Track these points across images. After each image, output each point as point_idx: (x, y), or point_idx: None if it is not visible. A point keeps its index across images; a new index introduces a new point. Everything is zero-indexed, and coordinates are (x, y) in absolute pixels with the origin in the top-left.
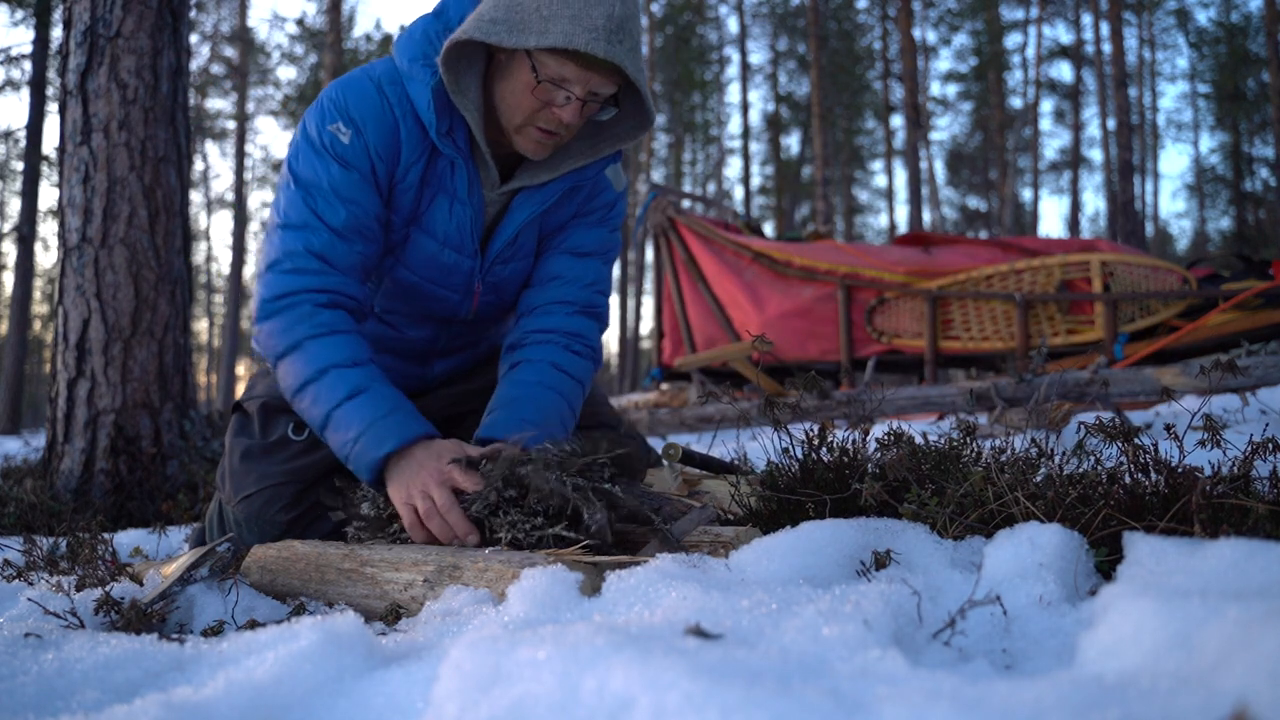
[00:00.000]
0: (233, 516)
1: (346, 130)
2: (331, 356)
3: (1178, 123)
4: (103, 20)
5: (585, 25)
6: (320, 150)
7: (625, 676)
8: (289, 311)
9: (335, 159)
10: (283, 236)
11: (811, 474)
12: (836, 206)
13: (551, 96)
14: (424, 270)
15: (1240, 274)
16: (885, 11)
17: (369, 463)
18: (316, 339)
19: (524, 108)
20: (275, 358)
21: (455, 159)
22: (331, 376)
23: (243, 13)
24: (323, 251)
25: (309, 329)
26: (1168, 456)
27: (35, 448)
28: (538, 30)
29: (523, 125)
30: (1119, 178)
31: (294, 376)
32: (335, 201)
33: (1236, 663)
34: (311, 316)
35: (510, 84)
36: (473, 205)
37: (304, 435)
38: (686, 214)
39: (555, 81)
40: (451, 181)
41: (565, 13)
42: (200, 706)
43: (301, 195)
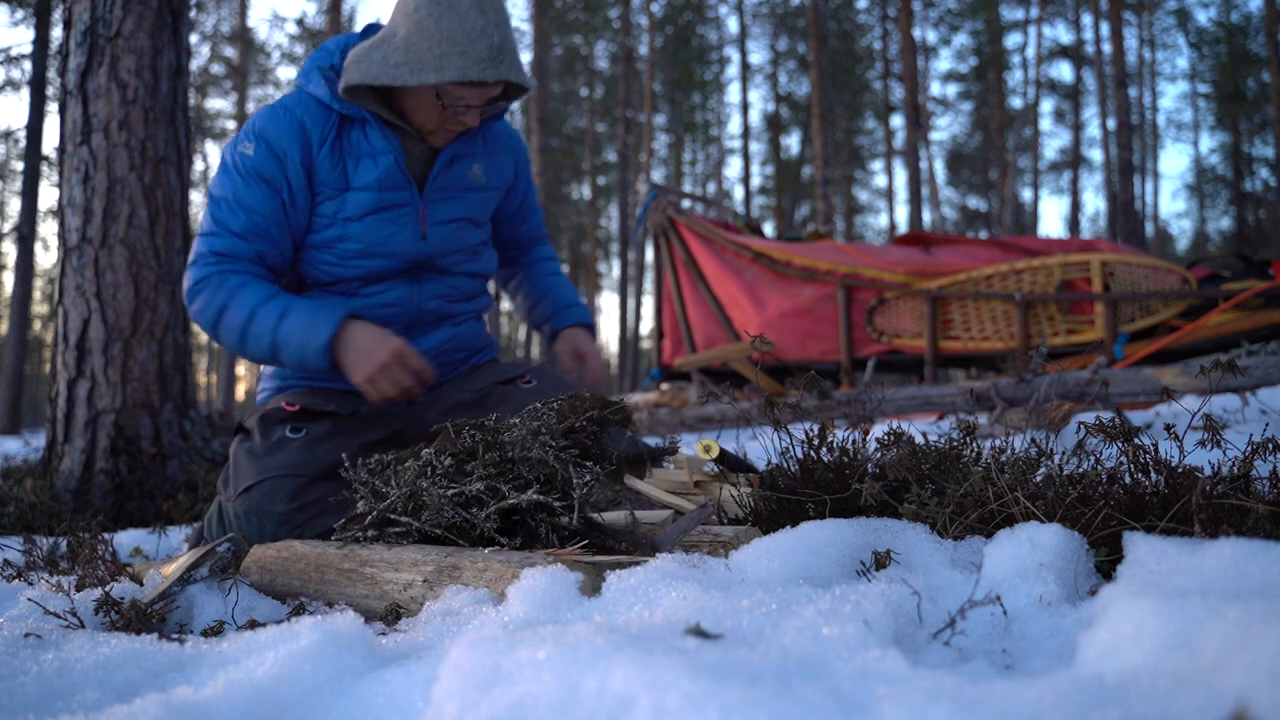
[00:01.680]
0: (232, 511)
1: (250, 144)
2: (250, 301)
3: (1178, 123)
4: (103, 20)
5: (474, 59)
6: (229, 170)
7: (625, 676)
8: (204, 291)
9: (240, 175)
10: (199, 242)
11: (811, 474)
12: (836, 206)
13: (455, 111)
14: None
15: (1240, 274)
16: (885, 11)
17: (316, 350)
18: (234, 297)
19: (433, 119)
20: (211, 328)
21: (363, 116)
22: (260, 314)
23: (243, 13)
24: (224, 250)
25: (225, 294)
26: (1168, 456)
27: (35, 448)
28: (435, 69)
29: (434, 129)
30: (1119, 178)
31: (232, 330)
32: (237, 210)
33: (1236, 663)
34: (222, 284)
35: (417, 103)
36: (394, 150)
37: (301, 434)
38: (686, 214)
39: (456, 103)
40: (368, 143)
41: (454, 50)
42: (200, 706)
43: (212, 208)
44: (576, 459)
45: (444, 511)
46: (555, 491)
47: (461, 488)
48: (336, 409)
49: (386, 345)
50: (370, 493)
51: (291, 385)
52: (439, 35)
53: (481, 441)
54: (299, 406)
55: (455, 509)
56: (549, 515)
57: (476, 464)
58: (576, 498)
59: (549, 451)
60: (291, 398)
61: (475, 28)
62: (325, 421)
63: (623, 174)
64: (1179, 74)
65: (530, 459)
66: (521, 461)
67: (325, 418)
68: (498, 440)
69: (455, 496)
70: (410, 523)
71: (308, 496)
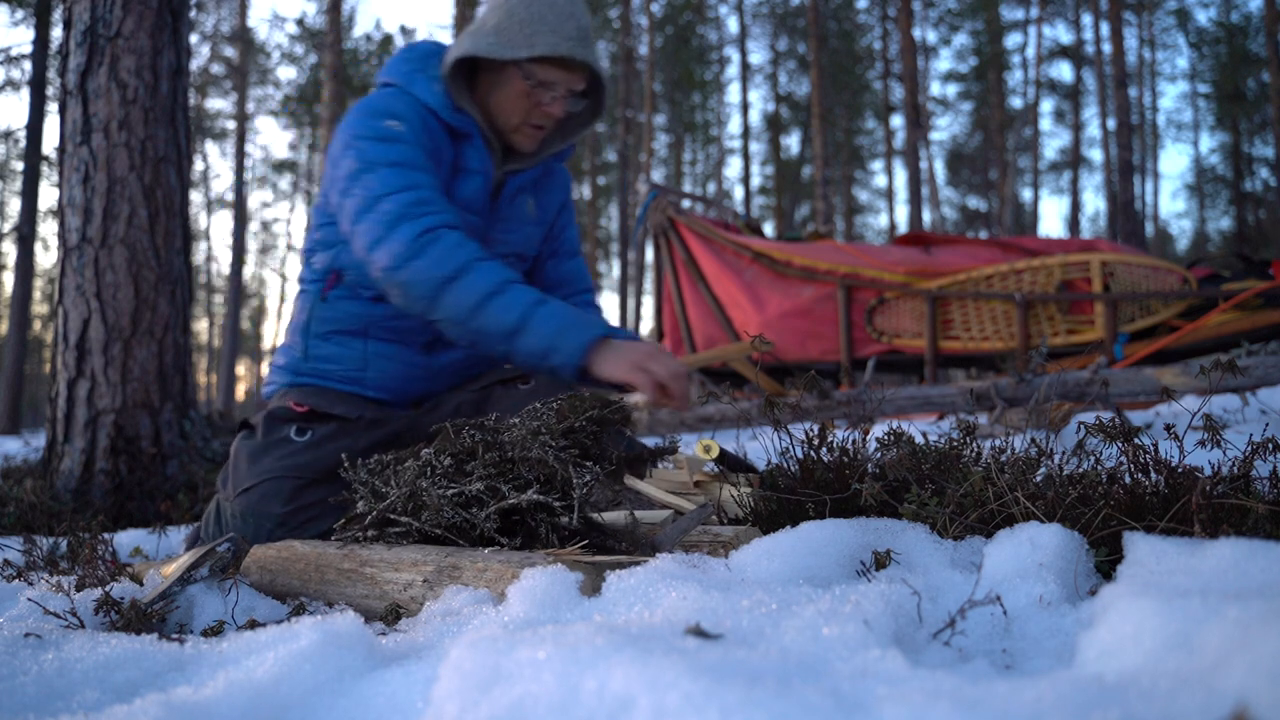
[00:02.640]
0: (230, 511)
1: (396, 122)
2: (504, 273)
3: (1178, 123)
4: (103, 20)
5: (564, 35)
6: (387, 141)
7: (625, 676)
8: (438, 242)
9: (404, 143)
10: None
11: (811, 474)
12: (836, 206)
13: (541, 97)
14: None
15: (1240, 274)
16: (885, 11)
17: (579, 344)
18: (482, 261)
19: (519, 109)
20: (441, 282)
21: (470, 132)
22: (515, 289)
23: (243, 13)
24: (433, 202)
25: (471, 252)
26: (1168, 456)
27: (35, 448)
28: (526, 45)
29: (519, 125)
30: (1119, 178)
31: (471, 293)
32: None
33: (1236, 663)
34: (465, 244)
35: (505, 92)
36: (484, 174)
37: (305, 437)
38: (686, 214)
39: (544, 84)
40: (465, 159)
41: (545, 28)
42: (200, 706)
43: (390, 171)
44: (576, 459)
45: (444, 511)
46: (555, 491)
47: (461, 488)
48: (344, 412)
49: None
50: (370, 493)
51: (304, 382)
52: (529, 17)
53: (481, 441)
54: (308, 407)
55: (455, 509)
56: (549, 515)
57: (476, 464)
58: (576, 498)
59: (549, 451)
60: (300, 397)
61: (564, 11)
62: (331, 424)
63: (623, 174)
64: (1179, 74)
65: (530, 459)
66: (521, 461)
67: (331, 420)
68: (497, 440)
69: (455, 496)
70: (410, 523)
71: (305, 499)
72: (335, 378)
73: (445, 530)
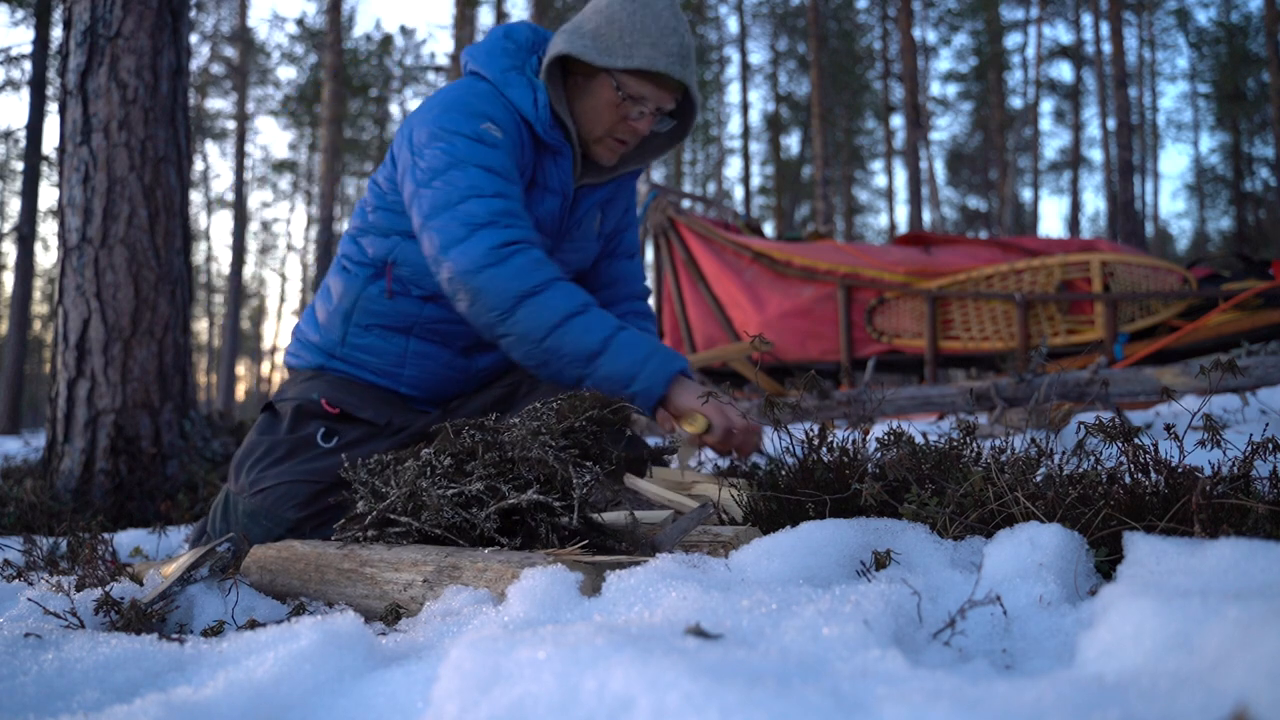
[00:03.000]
0: (243, 508)
1: (495, 127)
2: (586, 296)
3: (1178, 123)
4: (103, 20)
5: (663, 51)
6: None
7: (625, 676)
8: (519, 256)
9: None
10: (480, 203)
11: (811, 474)
12: (836, 206)
13: (629, 111)
14: None
15: (1240, 274)
16: (885, 11)
17: (666, 375)
18: (562, 281)
19: (605, 121)
20: (518, 297)
21: (562, 149)
22: (596, 312)
23: (243, 13)
24: (520, 215)
25: (552, 271)
26: (1168, 456)
27: (35, 448)
28: (624, 54)
29: (602, 136)
30: (1119, 178)
31: (552, 311)
32: (511, 183)
33: (1236, 663)
34: (545, 263)
35: (592, 101)
36: (563, 194)
37: (331, 443)
38: (686, 214)
39: (635, 98)
40: (545, 175)
41: (646, 40)
42: (200, 706)
43: (484, 175)
44: (576, 459)
45: (444, 511)
46: (555, 491)
47: (461, 488)
48: (372, 417)
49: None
50: (370, 493)
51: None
52: (630, 26)
53: (481, 441)
54: (339, 410)
55: (455, 509)
56: (549, 515)
57: (476, 464)
58: (576, 498)
59: (549, 451)
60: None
61: (668, 25)
62: (358, 429)
63: None
64: (1179, 74)
65: (530, 459)
66: (521, 461)
67: (360, 424)
68: (497, 440)
69: (455, 496)
70: (410, 523)
71: (320, 504)
72: (370, 369)
73: (445, 530)
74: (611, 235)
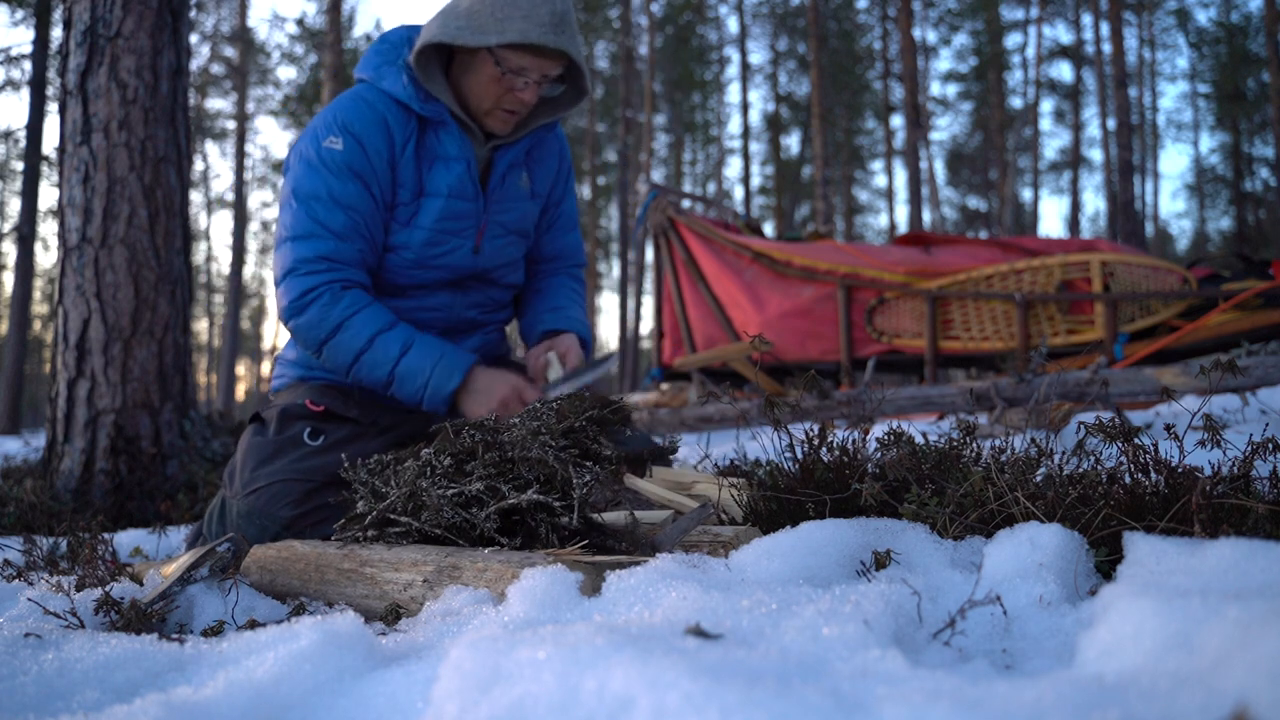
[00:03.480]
0: (236, 510)
1: (338, 139)
2: (372, 326)
3: (1178, 123)
4: (103, 20)
5: (535, 22)
6: (317, 167)
7: (625, 676)
8: (316, 303)
9: (331, 171)
10: (293, 246)
11: (811, 474)
12: (836, 206)
13: (513, 83)
14: (437, 224)
15: (1240, 274)
16: (885, 11)
17: (443, 398)
18: (353, 317)
19: (491, 94)
20: (319, 344)
21: (443, 119)
22: (380, 341)
23: (243, 13)
24: (329, 255)
25: (342, 311)
26: (1168, 456)
27: (35, 448)
28: (496, 30)
29: (491, 109)
30: (1119, 178)
31: (345, 353)
32: (334, 208)
33: (1236, 663)
34: (338, 301)
35: (476, 76)
36: (465, 158)
37: (318, 441)
38: (686, 214)
39: (515, 71)
40: (441, 146)
41: (517, 13)
42: (200, 706)
43: (305, 209)
44: (576, 459)
45: (444, 511)
46: (555, 491)
47: (461, 488)
48: (358, 415)
49: (503, 381)
50: (370, 493)
51: (317, 376)
52: (501, 1)
53: (481, 441)
54: (323, 407)
55: (455, 509)
56: (549, 515)
57: (476, 464)
58: (576, 498)
59: (549, 451)
60: (316, 395)
61: None
62: (345, 427)
63: (623, 174)
64: (1179, 74)
65: (530, 459)
66: (521, 461)
67: (346, 423)
68: (497, 440)
69: (455, 496)
70: (410, 523)
71: (314, 502)
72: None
73: (445, 530)
74: (549, 204)
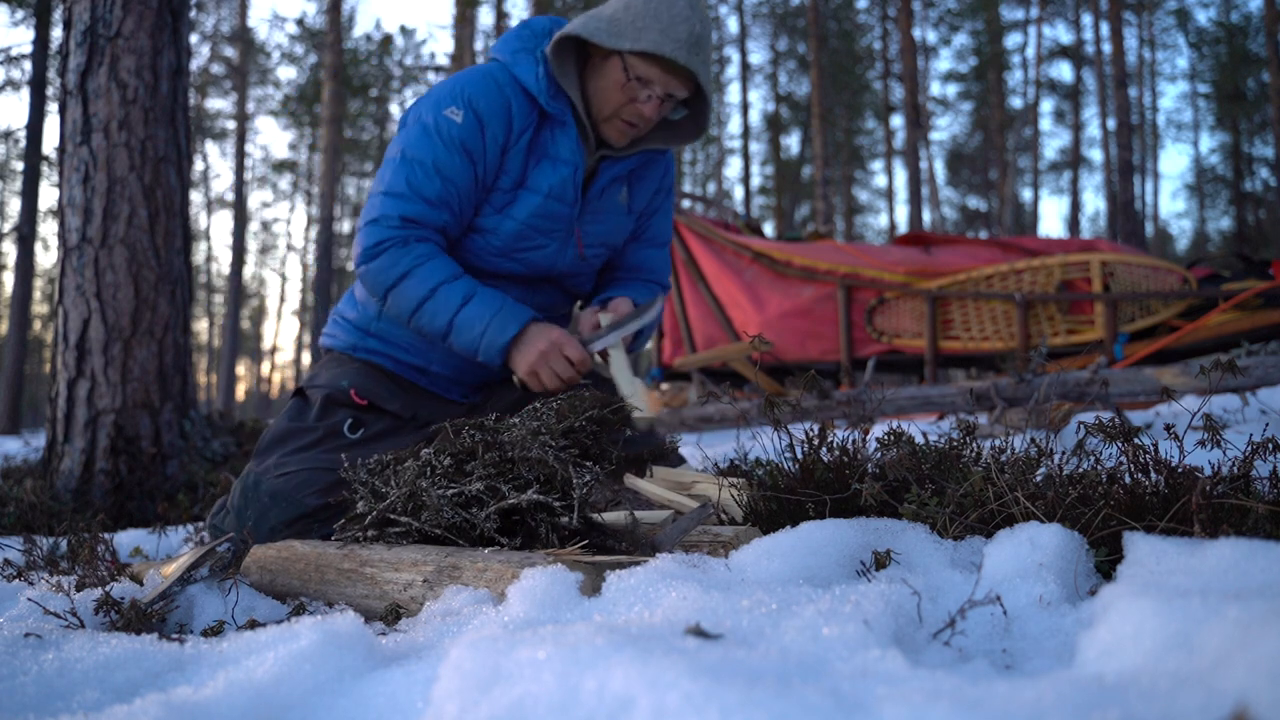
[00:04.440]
0: (265, 488)
1: (459, 111)
2: (437, 276)
3: (1178, 123)
4: (103, 20)
5: (671, 37)
6: (431, 132)
7: (625, 676)
8: (389, 252)
9: (443, 140)
10: (384, 201)
11: (811, 474)
12: (836, 206)
13: (636, 93)
14: (529, 220)
15: (1240, 274)
16: (885, 11)
17: (498, 349)
18: (420, 266)
19: (613, 101)
20: (386, 289)
21: (564, 118)
22: (443, 291)
23: (243, 13)
24: (414, 216)
25: (411, 260)
26: (1168, 456)
27: (35, 448)
28: (632, 37)
29: (611, 116)
30: (1119, 178)
31: (409, 300)
32: (434, 176)
33: (1236, 663)
34: (409, 250)
35: (604, 81)
36: (574, 163)
37: (358, 434)
38: (686, 214)
39: (641, 80)
40: (554, 146)
41: (656, 25)
42: (200, 706)
43: (406, 169)
44: (576, 459)
45: (444, 511)
46: (555, 491)
47: (461, 488)
48: (399, 409)
49: (546, 335)
50: (370, 493)
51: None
52: (645, 12)
53: (481, 441)
54: (367, 401)
55: (455, 509)
56: (549, 515)
57: (476, 464)
58: (576, 498)
59: (549, 451)
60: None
61: (680, 13)
62: (385, 420)
63: None
64: (1179, 74)
65: (530, 459)
66: (521, 461)
67: (386, 416)
68: (497, 440)
69: (455, 496)
70: (410, 523)
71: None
72: (403, 346)
73: (445, 530)
74: (642, 216)
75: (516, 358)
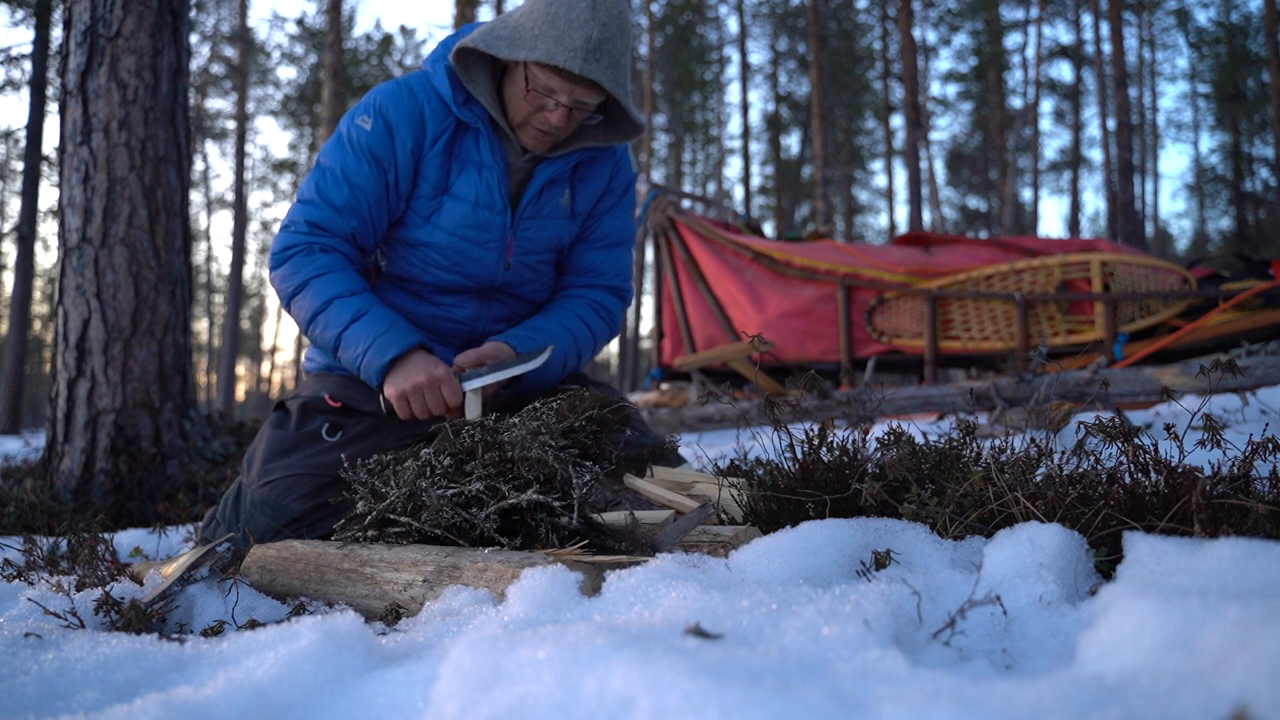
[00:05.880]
0: (251, 498)
1: (369, 119)
2: (334, 289)
3: (1178, 123)
4: (103, 20)
5: (566, 45)
6: (343, 141)
7: (625, 676)
8: (293, 260)
9: (352, 149)
10: (296, 207)
11: (811, 474)
12: (836, 206)
13: (542, 103)
14: (460, 230)
15: (1240, 274)
16: (885, 11)
17: (375, 369)
18: (319, 277)
19: (522, 109)
20: (288, 298)
21: (478, 126)
22: (336, 305)
23: (243, 13)
24: (320, 222)
25: (312, 270)
26: (1168, 456)
27: (35, 448)
28: (528, 47)
29: (523, 123)
30: (1119, 178)
31: (305, 310)
32: (341, 184)
33: (1236, 663)
34: (312, 260)
35: (512, 89)
36: (498, 167)
37: (336, 437)
38: (686, 214)
39: (543, 90)
40: (477, 152)
41: (552, 33)
42: (200, 706)
43: (317, 177)
44: (576, 459)
45: (444, 511)
46: (555, 491)
47: (461, 488)
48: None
49: (428, 369)
50: (370, 493)
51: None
52: (544, 18)
53: (481, 441)
54: (341, 404)
55: (455, 509)
56: (549, 515)
57: (476, 464)
58: (576, 498)
59: (548, 451)
60: (336, 389)
61: (579, 19)
62: (363, 421)
63: None
64: (1179, 74)
65: (530, 459)
66: (521, 461)
67: (364, 417)
68: (497, 440)
69: (455, 496)
70: (410, 523)
71: (324, 497)
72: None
73: (445, 530)
74: (590, 218)
75: (390, 381)
